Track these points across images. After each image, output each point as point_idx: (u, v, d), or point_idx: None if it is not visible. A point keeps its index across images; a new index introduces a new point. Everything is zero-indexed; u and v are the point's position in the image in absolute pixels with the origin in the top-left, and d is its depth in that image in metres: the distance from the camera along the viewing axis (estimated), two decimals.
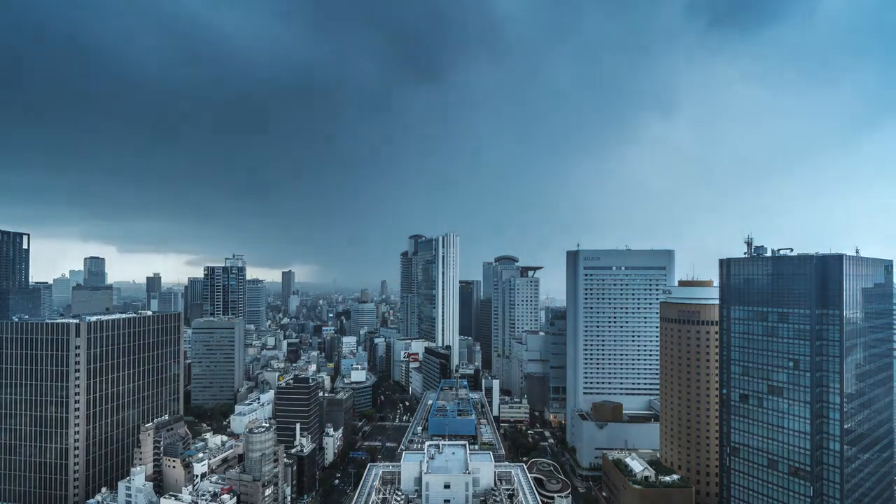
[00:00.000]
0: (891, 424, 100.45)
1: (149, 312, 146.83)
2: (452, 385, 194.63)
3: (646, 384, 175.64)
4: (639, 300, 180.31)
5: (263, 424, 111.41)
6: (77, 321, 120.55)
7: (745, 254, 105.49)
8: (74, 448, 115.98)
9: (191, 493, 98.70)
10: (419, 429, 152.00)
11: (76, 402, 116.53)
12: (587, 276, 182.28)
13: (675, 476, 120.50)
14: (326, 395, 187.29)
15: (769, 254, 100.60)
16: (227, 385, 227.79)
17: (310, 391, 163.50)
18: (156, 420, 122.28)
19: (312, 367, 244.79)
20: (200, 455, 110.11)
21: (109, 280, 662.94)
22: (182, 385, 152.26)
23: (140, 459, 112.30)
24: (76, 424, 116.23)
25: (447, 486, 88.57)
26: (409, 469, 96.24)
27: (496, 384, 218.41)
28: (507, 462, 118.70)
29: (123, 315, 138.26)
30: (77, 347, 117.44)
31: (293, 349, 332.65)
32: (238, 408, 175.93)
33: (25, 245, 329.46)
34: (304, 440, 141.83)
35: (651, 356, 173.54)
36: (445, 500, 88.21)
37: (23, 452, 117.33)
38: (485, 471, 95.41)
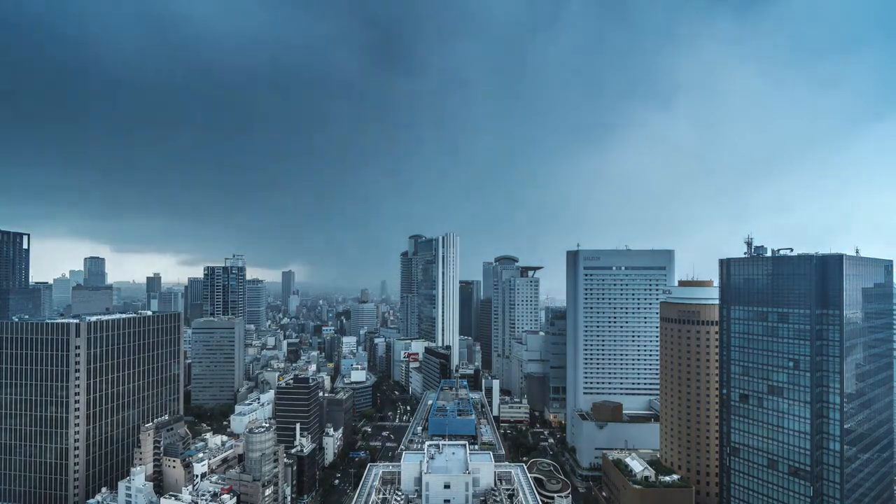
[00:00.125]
0: (891, 424, 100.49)
1: (149, 312, 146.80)
2: (452, 385, 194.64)
3: (646, 384, 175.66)
4: (639, 300, 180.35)
5: (263, 424, 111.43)
6: (77, 321, 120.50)
7: (745, 254, 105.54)
8: (74, 448, 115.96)
9: (191, 493, 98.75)
10: (419, 429, 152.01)
11: (76, 402, 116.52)
12: (587, 276, 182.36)
13: (675, 476, 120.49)
14: (326, 395, 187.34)
15: (769, 254, 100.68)
16: (227, 385, 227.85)
17: (310, 391, 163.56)
18: (156, 420, 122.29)
19: (312, 367, 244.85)
20: (200, 455, 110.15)
21: (109, 280, 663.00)
22: (182, 385, 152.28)
23: (140, 459, 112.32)
24: (76, 424, 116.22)
25: (447, 486, 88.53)
26: (409, 469, 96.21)
27: (496, 384, 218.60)
28: (507, 462, 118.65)
29: (123, 315, 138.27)
30: (77, 347, 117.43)
31: (293, 349, 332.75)
32: (238, 408, 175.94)
33: (25, 245, 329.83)
34: (304, 440, 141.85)
35: (651, 356, 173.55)
36: (445, 500, 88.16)
37: (23, 452, 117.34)
38: (485, 471, 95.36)
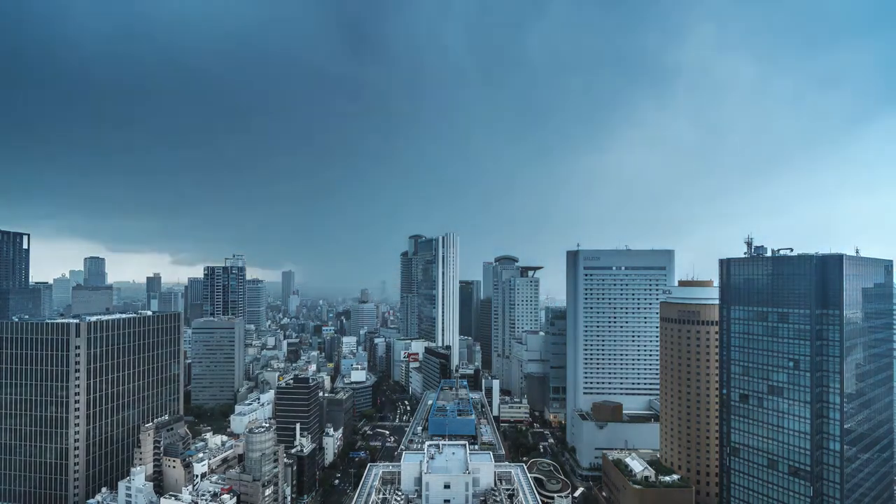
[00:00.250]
0: (891, 424, 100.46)
1: (149, 312, 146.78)
2: (452, 385, 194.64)
3: (646, 384, 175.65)
4: (639, 300, 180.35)
5: (263, 424, 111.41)
6: (77, 321, 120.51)
7: (745, 254, 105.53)
8: (74, 448, 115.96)
9: (191, 493, 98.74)
10: (419, 429, 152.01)
11: (76, 402, 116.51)
12: (587, 276, 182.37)
13: (675, 476, 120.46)
14: (326, 395, 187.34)
15: (769, 254, 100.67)
16: (227, 385, 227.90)
17: (310, 391, 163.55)
18: (156, 420, 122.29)
19: (312, 367, 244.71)
20: (200, 455, 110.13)
21: (109, 280, 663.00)
22: (182, 385, 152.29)
23: (140, 459, 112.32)
24: (76, 424, 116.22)
25: (447, 486, 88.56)
26: (409, 469, 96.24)
27: (496, 384, 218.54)
28: (507, 462, 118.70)
29: (123, 315, 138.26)
30: (77, 347, 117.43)
31: (293, 349, 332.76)
32: (238, 408, 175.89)
33: (25, 245, 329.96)
34: (304, 440, 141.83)
35: (651, 356, 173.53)
36: (445, 500, 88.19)
37: (23, 452, 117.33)
38: (485, 471, 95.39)
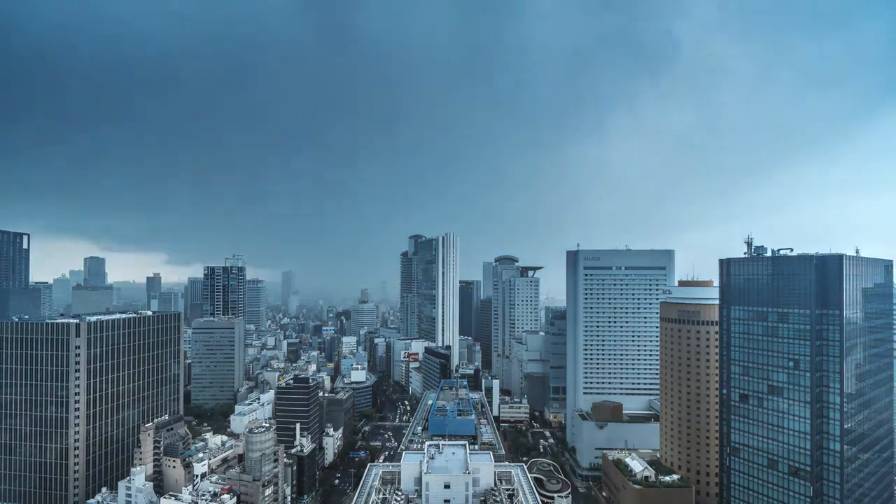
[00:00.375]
0: (891, 424, 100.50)
1: (149, 312, 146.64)
2: (452, 385, 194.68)
3: (646, 384, 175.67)
4: (639, 300, 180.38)
5: (263, 424, 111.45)
6: (77, 321, 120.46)
7: (745, 254, 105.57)
8: (74, 448, 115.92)
9: (191, 493, 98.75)
10: (419, 429, 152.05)
11: (76, 402, 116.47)
12: (587, 276, 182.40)
13: (675, 476, 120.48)
14: (326, 395, 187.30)
15: (769, 254, 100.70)
16: (227, 385, 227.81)
17: (310, 391, 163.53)
18: (156, 420, 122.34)
19: (312, 367, 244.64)
20: (200, 455, 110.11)
21: (109, 280, 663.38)
22: (182, 385, 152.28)
23: (140, 459, 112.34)
24: (76, 424, 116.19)
25: (447, 486, 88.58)
26: (409, 469, 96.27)
27: (496, 384, 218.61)
28: (507, 462, 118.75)
29: (123, 315, 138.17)
30: (77, 347, 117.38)
31: (293, 349, 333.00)
32: (238, 408, 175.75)
33: (25, 245, 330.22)
34: (304, 440, 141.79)
35: (651, 356, 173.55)
36: (445, 500, 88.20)
37: (23, 452, 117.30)
38: (485, 471, 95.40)
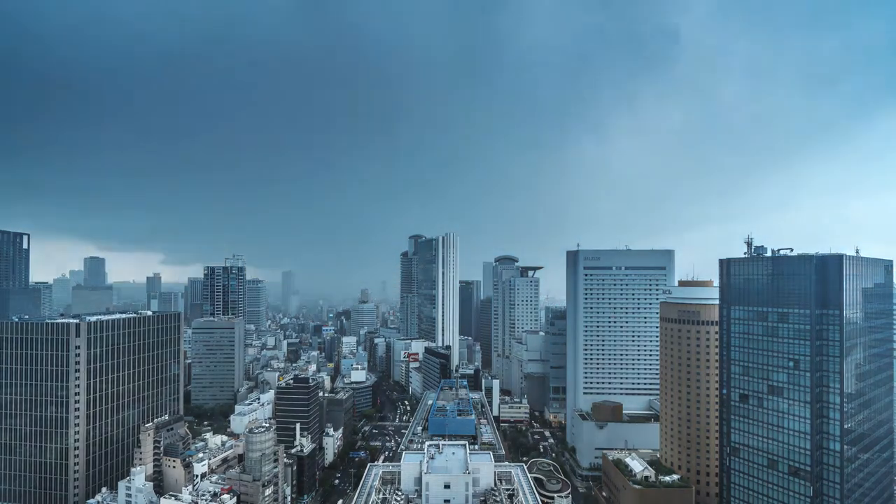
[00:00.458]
0: (891, 424, 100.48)
1: (149, 312, 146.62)
2: (452, 385, 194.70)
3: (646, 384, 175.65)
4: (639, 300, 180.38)
5: (263, 424, 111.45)
6: (77, 321, 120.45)
7: (745, 254, 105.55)
8: (74, 448, 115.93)
9: (191, 493, 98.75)
10: (419, 429, 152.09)
11: (76, 402, 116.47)
12: (587, 276, 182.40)
13: (675, 476, 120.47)
14: (326, 395, 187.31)
15: (769, 254, 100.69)
16: (227, 385, 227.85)
17: (310, 391, 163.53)
18: (156, 420, 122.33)
19: (312, 367, 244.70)
20: (200, 455, 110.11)
21: (109, 280, 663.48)
22: (182, 385, 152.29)
23: (140, 459, 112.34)
24: (76, 424, 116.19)
25: (447, 486, 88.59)
26: (409, 469, 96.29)
27: (496, 384, 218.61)
28: (507, 462, 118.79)
29: (123, 315, 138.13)
30: (77, 347, 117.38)
31: (293, 349, 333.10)
32: (238, 408, 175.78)
33: (25, 245, 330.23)
34: (304, 440, 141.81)
35: (651, 356, 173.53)
36: (445, 500, 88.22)
37: (23, 452, 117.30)
38: (485, 471, 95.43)
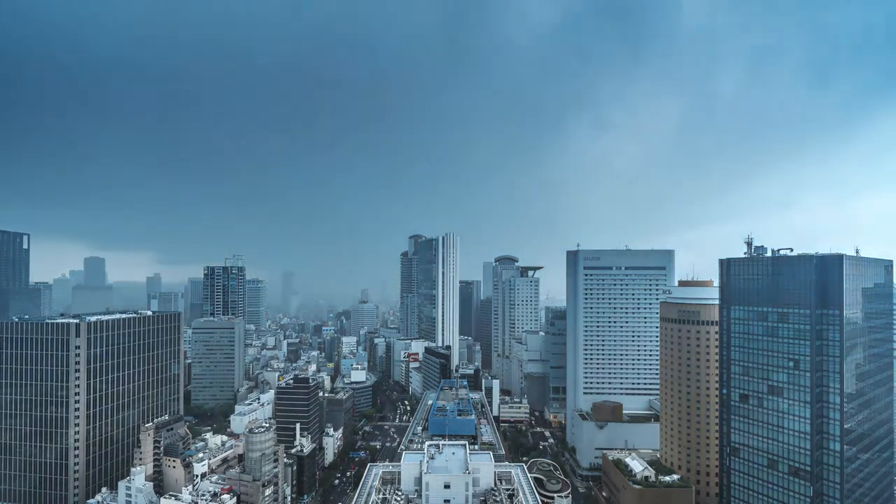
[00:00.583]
0: (891, 424, 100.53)
1: (149, 312, 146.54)
2: (452, 385, 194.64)
3: (646, 384, 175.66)
4: (639, 300, 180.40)
5: (263, 424, 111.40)
6: (77, 321, 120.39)
7: (745, 254, 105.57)
8: (74, 448, 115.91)
9: (191, 493, 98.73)
10: (419, 429, 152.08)
11: (76, 402, 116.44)
12: (587, 276, 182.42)
13: (675, 476, 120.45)
14: (326, 395, 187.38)
15: (769, 254, 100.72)
16: (227, 385, 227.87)
17: (310, 391, 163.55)
18: (156, 420, 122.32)
19: (312, 367, 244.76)
20: (200, 455, 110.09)
21: (109, 280, 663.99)
22: (182, 385, 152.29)
23: (140, 459, 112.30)
24: (76, 424, 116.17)
25: (447, 486, 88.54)
26: (409, 469, 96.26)
27: (496, 384, 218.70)
28: (507, 462, 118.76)
29: (123, 315, 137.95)
30: (77, 347, 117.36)
31: (293, 349, 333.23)
32: (238, 408, 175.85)
33: (25, 245, 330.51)
34: (304, 440, 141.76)
35: (651, 356, 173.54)
36: (445, 500, 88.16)
37: (23, 452, 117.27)
38: (485, 471, 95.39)
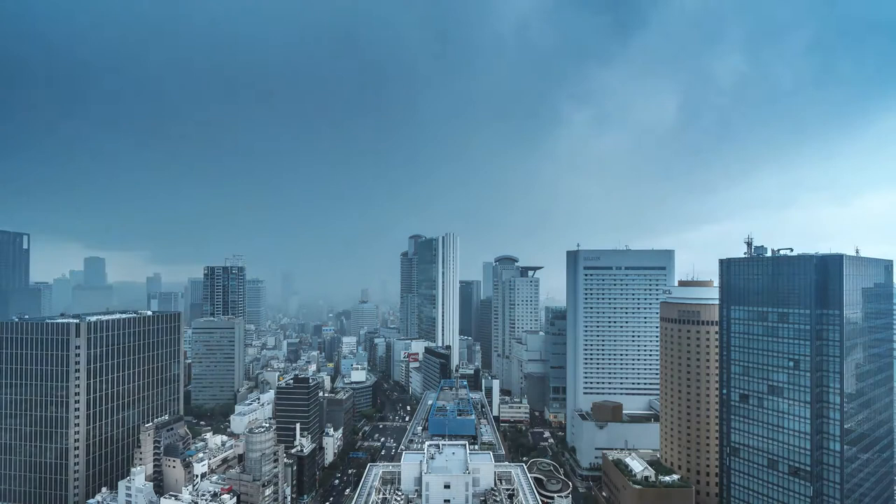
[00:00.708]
0: (891, 424, 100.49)
1: (149, 312, 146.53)
2: (452, 385, 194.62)
3: (646, 384, 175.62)
4: (639, 300, 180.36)
5: (263, 424, 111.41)
6: (77, 321, 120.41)
7: (745, 254, 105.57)
8: (74, 448, 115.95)
9: (191, 493, 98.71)
10: (419, 429, 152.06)
11: (76, 402, 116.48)
12: (587, 276, 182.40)
13: (675, 476, 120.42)
14: (326, 395, 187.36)
15: (769, 254, 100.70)
16: (227, 385, 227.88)
17: (310, 391, 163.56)
18: (156, 420, 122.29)
19: (312, 367, 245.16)
20: (200, 455, 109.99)
21: (109, 280, 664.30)
22: (182, 385, 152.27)
23: (140, 459, 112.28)
24: (76, 424, 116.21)
25: (447, 486, 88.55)
26: (409, 469, 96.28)
27: (496, 384, 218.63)
28: (507, 462, 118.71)
29: (123, 315, 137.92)
30: (77, 347, 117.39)
31: (293, 349, 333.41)
32: (238, 408, 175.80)
33: (25, 245, 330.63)
34: (304, 440, 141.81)
35: (651, 356, 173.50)
36: (445, 500, 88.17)
37: (23, 452, 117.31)
38: (485, 471, 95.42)
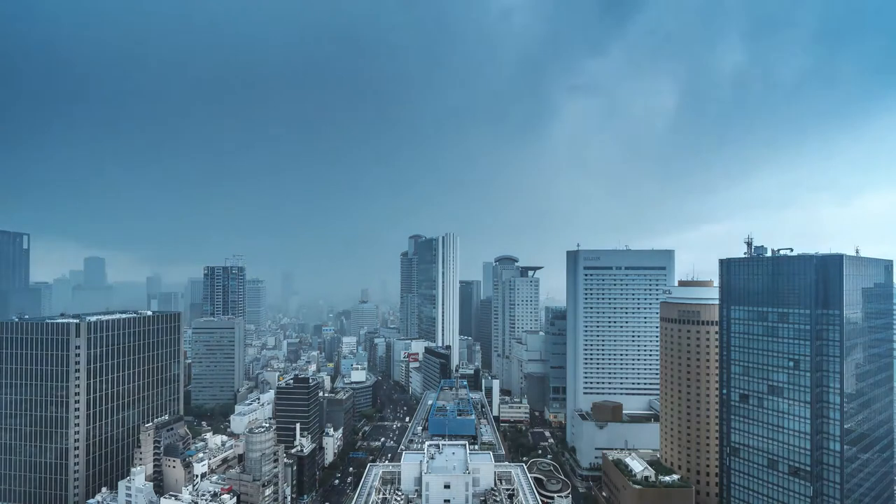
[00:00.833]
0: (891, 424, 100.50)
1: (149, 312, 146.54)
2: (452, 385, 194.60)
3: (646, 384, 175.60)
4: (639, 300, 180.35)
5: (263, 424, 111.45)
6: (77, 321, 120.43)
7: (745, 254, 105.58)
8: (74, 448, 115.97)
9: (191, 493, 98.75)
10: (419, 429, 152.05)
11: (76, 402, 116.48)
12: (587, 276, 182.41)
13: (675, 476, 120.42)
14: (326, 395, 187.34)
15: (769, 254, 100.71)
16: (227, 385, 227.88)
17: (310, 391, 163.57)
18: (156, 420, 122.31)
19: (312, 367, 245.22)
20: (200, 455, 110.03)
21: (109, 280, 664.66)
22: (182, 385, 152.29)
23: (140, 459, 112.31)
24: (76, 424, 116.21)
25: (447, 486, 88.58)
26: (409, 469, 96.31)
27: (496, 384, 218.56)
28: (507, 462, 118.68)
29: (123, 315, 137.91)
30: (77, 347, 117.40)
31: (293, 349, 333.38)
32: (238, 408, 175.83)
33: (25, 245, 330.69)
34: (304, 440, 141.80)
35: (651, 356, 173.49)
36: (445, 500, 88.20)
37: (23, 452, 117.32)
38: (485, 471, 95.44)
